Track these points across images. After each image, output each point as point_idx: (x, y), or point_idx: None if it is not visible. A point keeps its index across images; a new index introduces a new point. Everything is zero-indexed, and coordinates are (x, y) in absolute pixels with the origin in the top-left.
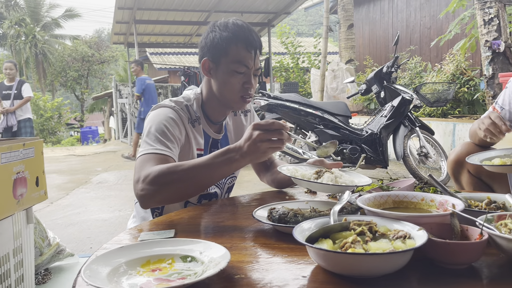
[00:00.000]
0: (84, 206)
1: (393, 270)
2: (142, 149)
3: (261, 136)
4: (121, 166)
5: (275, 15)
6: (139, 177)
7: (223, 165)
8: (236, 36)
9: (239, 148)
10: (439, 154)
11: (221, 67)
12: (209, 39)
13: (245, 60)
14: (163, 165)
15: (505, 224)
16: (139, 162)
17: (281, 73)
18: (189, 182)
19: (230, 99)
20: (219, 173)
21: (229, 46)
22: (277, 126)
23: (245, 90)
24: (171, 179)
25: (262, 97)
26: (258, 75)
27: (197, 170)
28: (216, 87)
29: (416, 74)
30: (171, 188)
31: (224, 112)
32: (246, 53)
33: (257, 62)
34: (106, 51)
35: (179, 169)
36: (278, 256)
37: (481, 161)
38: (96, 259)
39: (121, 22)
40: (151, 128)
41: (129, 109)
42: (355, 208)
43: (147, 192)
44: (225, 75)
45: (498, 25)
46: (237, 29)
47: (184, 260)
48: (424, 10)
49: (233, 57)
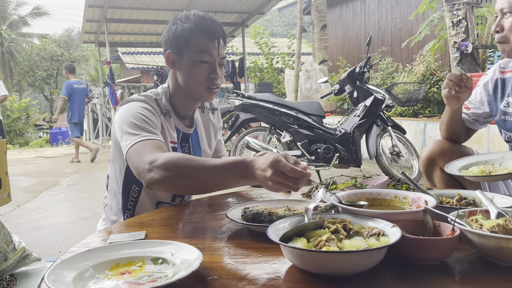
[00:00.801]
0: (53, 209)
1: (368, 268)
2: (129, 141)
3: (275, 178)
4: (91, 167)
5: (249, 15)
6: (145, 162)
7: (230, 177)
8: (198, 26)
9: (252, 169)
10: (411, 153)
11: (184, 58)
12: (171, 31)
13: (208, 49)
14: (172, 154)
15: (476, 219)
16: (134, 152)
17: (256, 74)
18: (191, 181)
19: (196, 90)
20: (223, 182)
21: (191, 36)
22: (297, 174)
23: (211, 80)
24: (176, 172)
25: (236, 97)
26: (223, 64)
27: (202, 171)
28: (182, 79)
29: (388, 75)
30: (175, 181)
31: (192, 105)
32: (209, 42)
33: (221, 51)
34: (76, 50)
35: (185, 164)
36: (252, 256)
37: (459, 169)
38: (61, 263)
39: (91, 21)
40: (128, 120)
41: (100, 109)
42: (329, 206)
43: (154, 175)
44: (189, 66)
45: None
46: (199, 20)
47: (155, 262)
48: (395, 12)
49: (196, 47)
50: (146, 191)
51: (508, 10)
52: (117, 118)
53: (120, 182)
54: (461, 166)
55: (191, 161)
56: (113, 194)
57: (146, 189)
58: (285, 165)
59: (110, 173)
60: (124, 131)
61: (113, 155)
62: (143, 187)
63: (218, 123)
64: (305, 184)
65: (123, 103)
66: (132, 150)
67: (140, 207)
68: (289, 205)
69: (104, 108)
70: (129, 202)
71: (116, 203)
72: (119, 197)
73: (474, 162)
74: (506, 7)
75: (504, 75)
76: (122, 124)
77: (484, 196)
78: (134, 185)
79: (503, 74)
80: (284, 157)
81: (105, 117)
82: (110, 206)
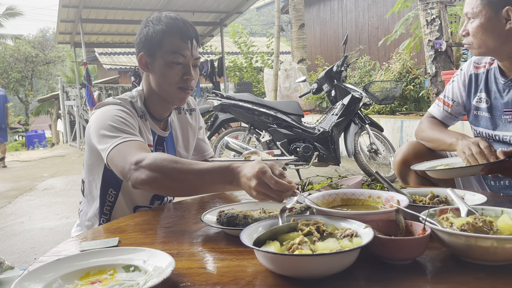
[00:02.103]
0: (28, 215)
1: (341, 269)
2: (109, 144)
3: (259, 189)
4: (69, 171)
5: (227, 15)
6: (130, 162)
7: (215, 181)
8: (170, 27)
9: (237, 176)
10: (388, 150)
11: (157, 60)
12: (143, 34)
13: (181, 50)
14: (158, 154)
15: (446, 218)
16: (116, 153)
17: (235, 73)
18: (177, 183)
19: (169, 93)
20: (209, 186)
21: (163, 38)
22: (282, 187)
23: (184, 82)
24: (162, 173)
25: (215, 97)
26: (198, 65)
27: (187, 174)
28: (155, 81)
29: (365, 73)
30: (161, 182)
31: (167, 108)
32: (182, 43)
33: (194, 52)
34: (51, 51)
35: (171, 166)
36: (227, 260)
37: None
38: (28, 274)
39: (66, 21)
40: (106, 124)
41: (77, 111)
42: (304, 207)
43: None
44: (162, 68)
45: (439, 25)
46: (171, 21)
47: (126, 270)
48: (372, 10)
49: (168, 48)
50: (124, 195)
51: (471, 16)
52: (93, 122)
53: (97, 186)
54: (427, 167)
55: (177, 163)
56: (89, 199)
57: (123, 193)
58: (270, 178)
59: (85, 178)
60: (102, 135)
61: (88, 159)
62: (120, 191)
63: (198, 123)
64: (289, 196)
65: (98, 107)
66: (114, 152)
67: (117, 212)
68: (265, 207)
69: (81, 110)
70: (106, 207)
71: (91, 208)
72: (95, 202)
73: (439, 165)
74: (469, 13)
75: (477, 70)
76: (99, 128)
77: (455, 194)
78: (111, 189)
79: (476, 70)
80: (270, 167)
81: (82, 119)
82: (85, 211)
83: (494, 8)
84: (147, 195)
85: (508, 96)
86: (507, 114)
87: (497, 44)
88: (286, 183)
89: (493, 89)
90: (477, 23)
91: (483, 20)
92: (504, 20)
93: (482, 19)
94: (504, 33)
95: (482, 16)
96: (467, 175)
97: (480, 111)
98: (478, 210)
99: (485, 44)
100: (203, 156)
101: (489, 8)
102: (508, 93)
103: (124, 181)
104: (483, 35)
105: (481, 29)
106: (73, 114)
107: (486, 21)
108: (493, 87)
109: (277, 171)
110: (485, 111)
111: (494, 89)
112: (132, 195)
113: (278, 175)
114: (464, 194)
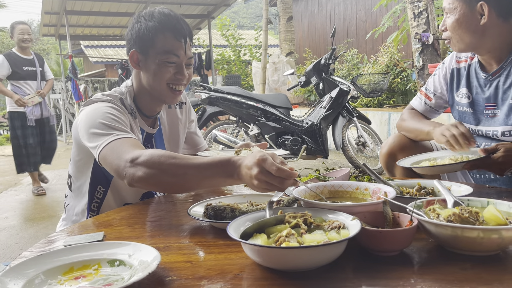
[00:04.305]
0: (13, 210)
1: (328, 261)
2: (101, 141)
3: (261, 177)
4: (55, 165)
5: (215, 7)
6: (125, 159)
7: (216, 175)
8: (163, 25)
9: (238, 168)
10: (376, 142)
11: (150, 58)
12: (135, 30)
13: (175, 49)
14: (155, 150)
15: (433, 209)
16: (109, 151)
17: (223, 66)
18: (176, 178)
19: (160, 92)
20: (209, 180)
21: (156, 36)
22: (283, 174)
23: (177, 81)
24: (159, 169)
25: (203, 90)
26: (191, 64)
27: (187, 169)
28: (146, 79)
29: (353, 66)
30: (159, 178)
31: (157, 105)
32: (175, 42)
33: (188, 51)
34: (36, 43)
35: (169, 162)
36: (213, 253)
37: (411, 164)
38: (10, 270)
39: (50, 13)
40: (96, 121)
41: (63, 105)
42: (292, 200)
43: (137, 172)
44: (155, 67)
45: (426, 18)
46: (164, 18)
47: (111, 265)
48: (360, 3)
49: (161, 47)
50: (113, 192)
51: (448, 11)
52: (82, 119)
53: (85, 182)
54: (412, 162)
55: (175, 158)
56: (77, 193)
57: (112, 190)
58: (272, 164)
59: (72, 173)
60: (92, 133)
61: (76, 156)
62: (110, 188)
63: (188, 117)
64: (291, 185)
65: (87, 103)
66: (107, 150)
67: (105, 208)
68: (253, 200)
69: (67, 103)
70: (94, 203)
71: (79, 204)
72: (84, 198)
73: (425, 159)
74: (446, 8)
75: (459, 64)
76: (89, 126)
77: (441, 186)
78: (100, 186)
79: (458, 64)
80: (271, 156)
81: (68, 112)
82: (72, 206)
83: (469, 4)
84: (137, 192)
85: (489, 91)
86: (489, 109)
87: (473, 40)
88: (287, 170)
89: (474, 84)
90: (453, 18)
91: (458, 16)
92: (479, 15)
93: (457, 14)
94: (480, 28)
95: (458, 11)
96: (450, 171)
97: (460, 106)
98: (465, 201)
99: (462, 39)
100: (196, 149)
101: (463, 3)
102: (489, 88)
103: (119, 179)
104: (459, 31)
105: (457, 24)
106: (59, 108)
107: (461, 16)
108: (474, 82)
109: (277, 159)
110: (467, 106)
111: (475, 84)
112: (121, 192)
113: (279, 163)
114: (450, 186)
